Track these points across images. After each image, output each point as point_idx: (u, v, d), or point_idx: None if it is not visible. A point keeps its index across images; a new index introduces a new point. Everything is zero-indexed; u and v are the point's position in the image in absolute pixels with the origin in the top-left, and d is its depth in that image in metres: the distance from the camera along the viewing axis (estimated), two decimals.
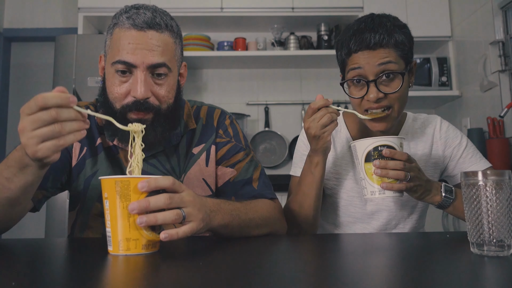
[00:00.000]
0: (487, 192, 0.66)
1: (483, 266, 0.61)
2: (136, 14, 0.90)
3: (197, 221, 0.72)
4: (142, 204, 0.67)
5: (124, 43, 0.89)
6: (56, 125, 0.66)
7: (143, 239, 0.69)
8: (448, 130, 1.17)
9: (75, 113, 0.68)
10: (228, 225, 0.84)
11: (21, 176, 0.75)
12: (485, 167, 1.13)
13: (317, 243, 0.90)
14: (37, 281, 0.56)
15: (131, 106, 0.90)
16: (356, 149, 0.97)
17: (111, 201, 0.69)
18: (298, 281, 0.54)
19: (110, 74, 0.92)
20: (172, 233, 0.68)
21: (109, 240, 0.70)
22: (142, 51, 0.89)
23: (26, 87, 3.37)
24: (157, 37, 0.91)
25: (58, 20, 3.31)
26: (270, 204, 1.00)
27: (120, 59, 0.89)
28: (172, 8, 2.80)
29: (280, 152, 3.01)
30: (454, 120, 2.83)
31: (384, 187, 0.92)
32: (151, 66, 0.89)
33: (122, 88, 0.91)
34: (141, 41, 0.89)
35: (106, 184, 0.70)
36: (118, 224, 0.68)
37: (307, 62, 3.02)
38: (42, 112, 0.65)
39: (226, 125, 1.09)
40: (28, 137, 0.66)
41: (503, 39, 2.31)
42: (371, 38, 0.99)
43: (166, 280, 0.55)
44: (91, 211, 0.99)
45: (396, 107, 1.03)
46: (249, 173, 1.04)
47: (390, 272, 0.60)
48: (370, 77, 1.00)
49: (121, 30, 0.91)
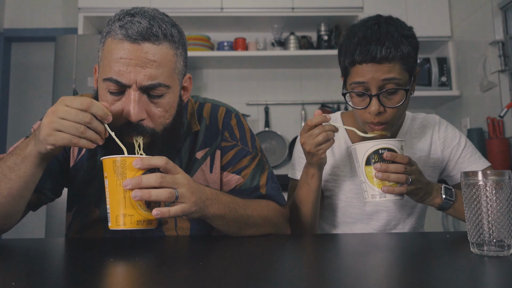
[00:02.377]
0: (487, 192, 0.66)
1: (483, 266, 0.61)
2: (130, 23, 0.80)
3: (189, 203, 0.75)
4: (135, 181, 0.71)
5: (116, 58, 0.80)
6: (82, 127, 0.73)
7: (138, 215, 0.73)
8: (447, 130, 1.17)
9: (101, 128, 0.75)
10: (224, 216, 0.84)
11: (21, 165, 0.78)
12: (485, 167, 1.14)
13: (317, 243, 0.90)
14: (37, 281, 0.56)
15: (124, 128, 0.82)
16: (357, 152, 0.96)
17: (110, 179, 0.74)
18: (298, 281, 0.54)
19: (102, 90, 0.84)
20: (163, 210, 0.72)
21: (108, 216, 0.74)
22: (135, 68, 0.79)
23: (26, 87, 3.37)
24: (153, 50, 0.80)
25: (58, 20, 3.31)
26: (275, 207, 0.98)
27: (112, 77, 0.80)
28: (172, 8, 2.80)
29: (280, 152, 3.01)
30: (454, 120, 2.83)
31: (385, 191, 0.92)
32: (143, 87, 0.80)
33: (115, 107, 0.82)
34: (134, 55, 0.79)
35: (106, 163, 0.74)
36: (115, 200, 0.73)
37: (307, 62, 3.02)
38: (80, 111, 0.72)
39: (232, 125, 1.01)
40: (52, 120, 0.72)
41: (503, 39, 2.31)
42: (377, 52, 0.96)
43: (166, 280, 0.55)
44: (90, 215, 0.96)
45: (396, 120, 1.04)
46: (255, 180, 0.99)
47: (390, 272, 0.60)
48: (373, 91, 0.99)
49: (113, 41, 0.81)
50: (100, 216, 0.95)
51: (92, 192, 0.96)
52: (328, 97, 3.10)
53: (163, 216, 0.72)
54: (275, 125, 3.12)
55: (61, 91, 2.47)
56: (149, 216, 0.74)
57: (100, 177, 0.96)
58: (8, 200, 0.80)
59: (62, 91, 2.47)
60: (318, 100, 3.11)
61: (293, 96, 3.15)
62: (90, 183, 0.97)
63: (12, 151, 0.81)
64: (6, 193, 0.79)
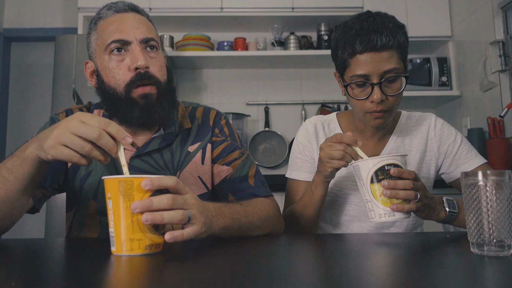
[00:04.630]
0: (487, 192, 0.66)
1: (483, 266, 0.61)
2: (115, 4, 0.99)
3: (200, 224, 0.72)
4: (145, 203, 0.66)
5: (112, 27, 0.95)
6: (88, 147, 0.69)
7: (147, 240, 0.68)
8: (443, 128, 1.18)
9: (111, 145, 0.70)
10: (229, 228, 0.84)
11: (20, 167, 0.77)
12: (481, 163, 1.14)
13: (317, 243, 0.90)
14: (37, 281, 0.56)
15: (134, 80, 0.93)
16: (360, 169, 0.91)
17: (114, 201, 0.68)
18: (298, 281, 0.54)
19: (106, 61, 0.95)
20: (177, 234, 0.68)
21: (112, 240, 0.70)
22: (132, 28, 0.94)
23: (26, 87, 3.37)
24: (140, 18, 0.98)
25: (58, 20, 3.31)
26: (267, 204, 1.00)
27: (114, 39, 0.93)
28: (172, 8, 2.80)
29: (280, 152, 3.01)
30: (454, 120, 2.83)
31: (394, 209, 0.87)
32: (143, 40, 0.95)
33: (121, 66, 0.94)
34: (127, 20, 0.96)
35: (109, 184, 0.69)
36: (122, 224, 0.67)
37: (307, 62, 3.02)
38: (90, 126, 0.69)
39: (222, 124, 1.11)
40: (61, 133, 0.70)
41: (503, 39, 2.31)
42: (378, 40, 0.99)
43: (166, 280, 0.55)
44: (87, 209, 1.00)
45: (395, 107, 1.07)
46: (245, 170, 1.05)
47: (389, 272, 0.60)
48: (374, 79, 1.01)
49: (106, 19, 0.97)
50: (97, 209, 0.98)
51: (88, 186, 0.99)
52: (328, 97, 3.10)
53: (176, 241, 0.67)
54: (275, 125, 3.12)
55: (61, 91, 2.47)
56: (158, 240, 0.70)
57: (96, 169, 0.99)
58: (4, 202, 0.80)
59: (62, 91, 2.47)
60: (318, 100, 3.11)
61: (293, 96, 3.15)
62: (86, 179, 1.00)
63: (14, 152, 0.81)
64: (3, 195, 0.79)
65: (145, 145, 1.01)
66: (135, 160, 1.00)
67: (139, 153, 1.00)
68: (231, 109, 3.07)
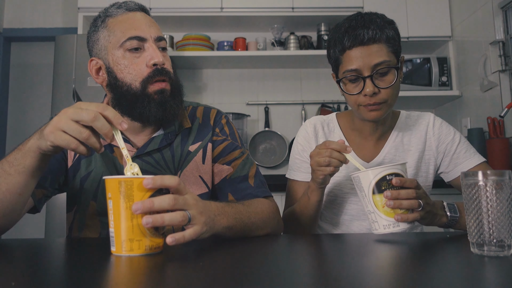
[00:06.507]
0: (487, 192, 0.66)
1: (483, 266, 0.61)
2: (125, 3, 1.00)
3: (200, 224, 0.72)
4: (146, 204, 0.65)
5: (126, 25, 0.96)
6: (86, 133, 0.70)
7: (147, 240, 0.68)
8: (441, 127, 1.19)
9: (107, 130, 0.70)
10: (232, 228, 0.84)
11: (21, 159, 0.78)
12: (480, 162, 1.15)
13: (317, 243, 0.90)
14: (37, 281, 0.56)
15: (152, 76, 0.95)
16: (360, 180, 0.89)
17: (114, 201, 0.68)
18: (298, 281, 0.54)
19: (120, 57, 0.96)
20: (178, 237, 0.67)
21: (112, 240, 0.69)
22: (146, 26, 0.97)
23: (26, 87, 3.37)
24: (149, 18, 1.01)
25: (58, 20, 3.31)
26: (267, 204, 1.00)
27: (130, 36, 0.94)
28: (172, 8, 2.80)
29: (280, 152, 3.00)
30: (454, 120, 2.83)
31: (399, 220, 0.85)
32: (157, 38, 0.97)
33: (138, 62, 0.95)
34: (140, 18, 0.98)
35: (110, 184, 0.69)
36: (122, 224, 0.67)
37: (307, 62, 3.02)
38: (86, 110, 0.69)
39: (223, 124, 1.11)
40: (60, 119, 0.71)
41: (503, 39, 2.31)
42: (365, 34, 1.02)
43: (166, 280, 0.55)
44: (87, 210, 1.00)
45: (390, 100, 1.07)
46: (245, 170, 1.05)
47: (390, 272, 0.60)
48: (366, 73, 1.03)
49: (116, 17, 0.98)
50: (97, 209, 0.99)
51: (88, 187, 1.00)
52: (328, 97, 3.10)
53: (178, 243, 0.67)
54: (275, 125, 3.12)
55: (60, 91, 2.47)
56: (158, 240, 0.70)
57: (96, 169, 0.99)
58: (6, 196, 0.80)
59: (61, 91, 2.47)
60: (318, 100, 3.11)
61: (293, 96, 3.15)
62: (86, 179, 1.00)
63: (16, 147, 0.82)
64: (5, 189, 0.80)
65: (145, 145, 1.01)
66: (136, 160, 1.00)
67: (140, 153, 1.00)
68: (231, 109, 3.07)
